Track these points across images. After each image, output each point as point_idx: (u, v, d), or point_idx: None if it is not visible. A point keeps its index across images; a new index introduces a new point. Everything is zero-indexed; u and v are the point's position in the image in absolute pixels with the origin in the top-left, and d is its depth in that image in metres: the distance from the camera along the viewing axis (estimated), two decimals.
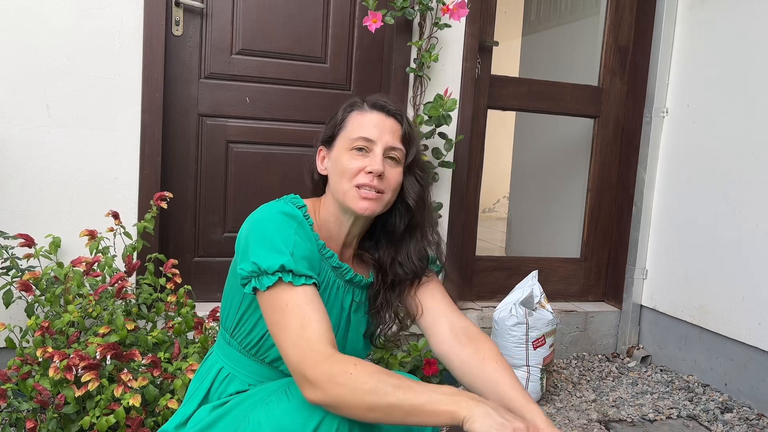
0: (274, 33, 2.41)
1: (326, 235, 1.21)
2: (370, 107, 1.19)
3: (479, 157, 2.75)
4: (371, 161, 1.14)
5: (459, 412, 0.90)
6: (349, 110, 1.20)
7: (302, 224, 1.12)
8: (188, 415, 1.19)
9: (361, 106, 1.20)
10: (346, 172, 1.15)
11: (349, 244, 1.25)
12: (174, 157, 2.34)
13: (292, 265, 1.03)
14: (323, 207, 1.23)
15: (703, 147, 2.54)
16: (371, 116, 1.18)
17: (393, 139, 1.17)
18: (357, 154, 1.16)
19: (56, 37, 2.07)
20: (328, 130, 1.23)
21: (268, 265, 1.03)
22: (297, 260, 1.04)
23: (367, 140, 1.15)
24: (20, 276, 1.87)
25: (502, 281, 2.80)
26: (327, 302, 1.17)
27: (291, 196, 1.22)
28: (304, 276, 1.04)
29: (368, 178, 1.14)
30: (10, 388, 1.59)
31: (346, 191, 1.16)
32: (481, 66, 2.64)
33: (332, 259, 1.18)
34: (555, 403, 2.29)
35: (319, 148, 1.25)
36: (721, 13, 2.49)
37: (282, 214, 1.10)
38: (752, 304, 2.29)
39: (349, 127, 1.18)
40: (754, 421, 2.20)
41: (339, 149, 1.18)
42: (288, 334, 1.00)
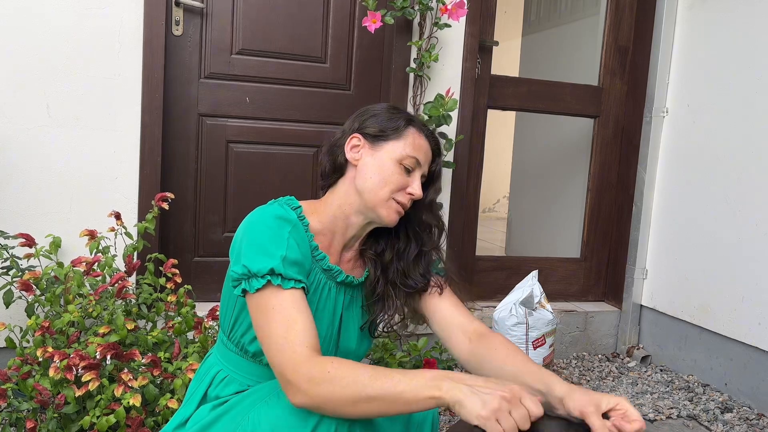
0: (274, 33, 2.41)
1: (328, 235, 1.21)
2: (425, 134, 1.23)
3: (479, 157, 2.75)
4: (414, 184, 1.20)
5: (443, 397, 0.91)
6: (410, 124, 1.22)
7: (296, 227, 1.12)
8: (187, 416, 1.19)
9: (420, 128, 1.23)
10: (392, 183, 1.19)
11: (351, 245, 1.26)
12: (174, 157, 2.35)
13: (281, 269, 1.04)
14: (330, 205, 1.23)
15: (703, 147, 2.54)
16: (424, 142, 1.23)
17: (427, 168, 1.24)
18: (403, 170, 1.19)
19: (56, 37, 2.07)
20: (377, 126, 1.22)
21: (258, 269, 1.04)
22: (287, 264, 1.05)
23: (418, 163, 1.21)
24: (20, 276, 1.87)
25: (502, 281, 2.80)
26: (318, 304, 1.18)
27: (287, 197, 1.22)
28: (293, 280, 1.05)
29: (406, 199, 1.20)
30: (10, 387, 1.59)
31: (384, 200, 1.19)
32: (481, 66, 2.64)
33: (323, 261, 1.18)
34: None
35: (354, 134, 1.23)
36: (721, 13, 2.49)
37: (276, 217, 1.11)
38: (752, 304, 2.29)
39: (408, 141, 1.20)
40: (754, 421, 2.20)
41: (388, 155, 1.20)
42: (272, 336, 1.01)
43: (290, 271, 1.05)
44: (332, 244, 1.22)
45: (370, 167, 1.20)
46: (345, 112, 2.54)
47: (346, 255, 1.26)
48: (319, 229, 1.20)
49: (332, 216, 1.22)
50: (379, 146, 1.21)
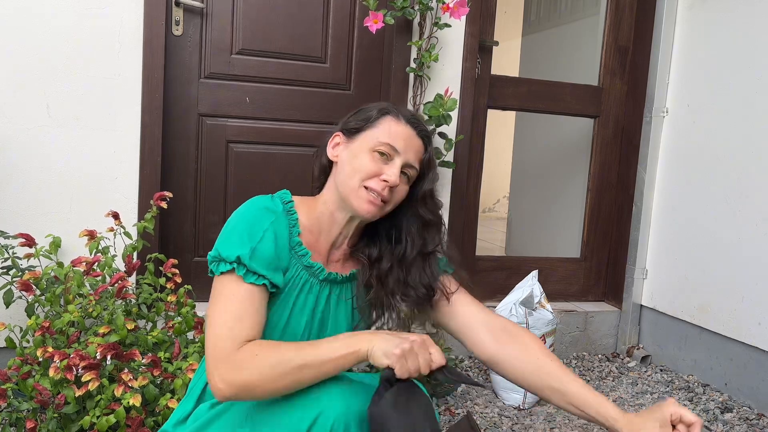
0: (274, 33, 2.41)
1: (315, 232, 1.21)
2: (405, 120, 1.19)
3: (479, 157, 2.75)
4: (390, 171, 1.15)
5: (361, 349, 0.99)
6: (385, 113, 1.20)
7: (279, 219, 1.13)
8: (187, 412, 1.20)
9: (397, 115, 1.20)
10: (361, 171, 1.16)
11: (339, 245, 1.25)
12: (174, 157, 2.34)
13: (247, 260, 1.06)
14: (319, 201, 1.23)
15: (703, 147, 2.54)
16: (404, 129, 1.19)
17: (414, 158, 1.19)
18: (377, 158, 1.16)
19: (56, 36, 2.07)
20: (354, 121, 1.22)
21: (227, 254, 1.07)
22: (256, 257, 1.07)
23: (393, 149, 1.16)
24: (20, 276, 1.87)
25: (502, 281, 2.80)
26: (296, 300, 1.17)
27: (282, 191, 1.23)
28: (257, 275, 1.06)
29: (380, 186, 1.15)
30: (10, 387, 1.59)
31: (355, 189, 1.16)
32: (481, 66, 2.64)
33: (305, 257, 1.18)
34: None
35: (336, 133, 1.24)
36: (721, 13, 2.49)
37: (260, 208, 1.13)
38: (752, 304, 2.29)
39: (380, 129, 1.18)
40: (754, 421, 2.20)
41: (361, 145, 1.18)
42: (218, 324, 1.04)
43: (256, 264, 1.07)
44: (319, 242, 1.22)
45: (345, 160, 1.19)
46: (345, 112, 2.52)
47: (335, 254, 1.25)
48: (307, 225, 1.21)
49: (318, 213, 1.22)
50: (354, 139, 1.20)
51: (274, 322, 1.15)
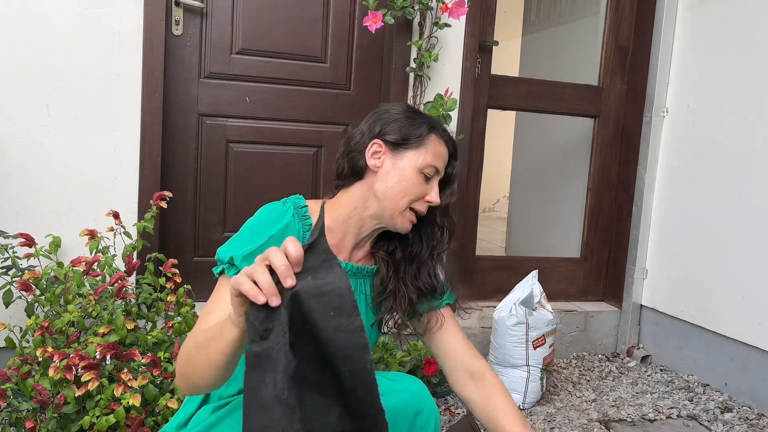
0: (274, 32, 2.41)
1: (338, 233, 1.22)
2: (445, 140, 1.23)
3: (479, 156, 2.75)
4: (433, 192, 1.21)
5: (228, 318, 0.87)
6: (432, 131, 1.22)
7: (290, 225, 1.15)
8: (189, 415, 1.19)
9: (439, 134, 1.22)
10: (412, 194, 1.19)
11: (362, 245, 1.27)
12: (174, 156, 2.34)
13: (239, 261, 1.07)
14: (342, 204, 1.23)
15: (703, 147, 2.54)
16: (444, 149, 1.23)
17: (444, 171, 1.25)
18: (423, 179, 1.20)
19: (56, 36, 2.07)
20: (397, 132, 1.20)
21: (221, 256, 1.09)
22: (252, 258, 1.06)
23: (437, 171, 1.22)
24: (20, 275, 1.87)
25: (502, 281, 2.79)
26: None
27: (295, 196, 1.25)
28: None
29: (424, 207, 1.21)
30: (10, 387, 1.58)
31: (401, 209, 1.19)
32: (481, 66, 2.64)
33: None
34: (555, 402, 2.29)
35: (375, 140, 1.21)
36: (721, 12, 2.49)
37: (270, 217, 1.15)
38: (752, 304, 2.29)
39: (429, 149, 1.20)
40: (754, 421, 2.20)
41: (410, 163, 1.20)
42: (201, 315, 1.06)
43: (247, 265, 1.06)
44: (342, 243, 1.23)
45: (392, 176, 1.20)
46: (345, 112, 2.54)
47: (356, 254, 1.26)
48: (329, 227, 1.21)
49: (345, 216, 1.22)
50: (400, 154, 1.20)
51: None
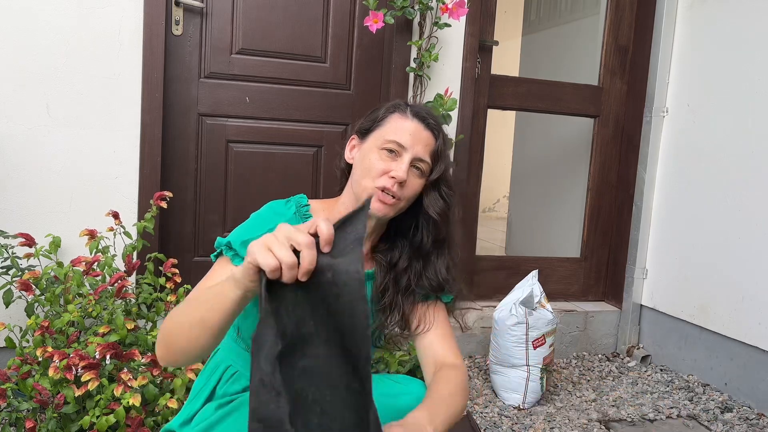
0: (274, 32, 2.41)
1: None
2: (412, 114, 1.19)
3: (479, 156, 2.75)
4: (397, 167, 1.15)
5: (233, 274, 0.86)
6: (392, 111, 1.21)
7: (290, 222, 1.13)
8: (193, 412, 1.19)
9: (404, 111, 1.20)
10: (371, 170, 1.16)
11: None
12: (174, 156, 2.34)
13: (237, 246, 1.08)
14: (338, 203, 1.25)
15: (703, 147, 2.54)
16: (410, 123, 1.18)
17: (424, 151, 1.18)
18: (386, 155, 1.17)
19: (56, 36, 2.07)
20: (366, 122, 1.24)
21: (220, 241, 1.11)
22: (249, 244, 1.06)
23: (400, 145, 1.16)
24: (20, 275, 1.87)
25: (502, 281, 2.79)
26: None
27: (299, 195, 1.26)
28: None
29: (390, 183, 1.15)
30: (9, 387, 1.59)
31: (367, 188, 1.17)
32: (481, 65, 2.64)
33: None
34: (555, 402, 2.29)
35: (352, 136, 1.26)
36: (721, 12, 2.49)
37: (272, 212, 1.17)
38: (752, 304, 2.29)
39: (387, 127, 1.19)
40: (754, 421, 2.20)
41: (370, 145, 1.20)
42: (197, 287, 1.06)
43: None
44: None
45: (358, 161, 1.21)
46: (345, 112, 2.54)
47: None
48: None
49: (337, 214, 1.23)
50: (365, 140, 1.22)
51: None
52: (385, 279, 1.24)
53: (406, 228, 1.25)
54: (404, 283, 1.24)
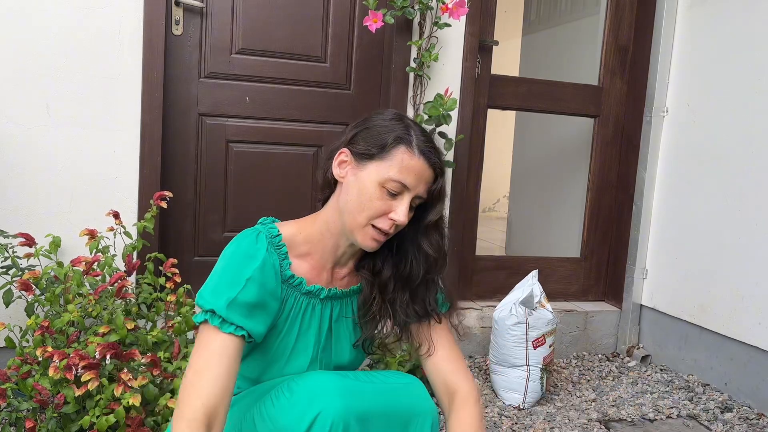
0: (274, 32, 2.41)
1: (318, 251, 1.18)
2: (418, 152, 1.11)
3: (479, 156, 2.75)
4: (398, 209, 1.10)
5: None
6: (399, 143, 1.11)
7: (266, 260, 1.09)
8: None
9: (411, 146, 1.11)
10: (369, 209, 1.10)
11: (344, 263, 1.23)
12: (174, 156, 2.34)
13: (223, 312, 1.02)
14: (320, 220, 1.19)
15: (703, 147, 2.54)
16: (416, 163, 1.10)
17: (424, 189, 1.13)
18: (386, 194, 1.10)
19: (56, 36, 2.07)
20: (364, 143, 1.13)
21: (202, 303, 1.05)
22: (234, 307, 1.03)
23: (405, 188, 1.10)
24: (20, 275, 1.87)
25: (502, 281, 2.79)
26: (301, 325, 1.16)
27: (270, 223, 1.18)
28: (234, 325, 1.03)
29: (388, 225, 1.11)
30: (9, 387, 1.58)
31: (360, 225, 1.12)
32: (481, 65, 2.64)
33: (301, 286, 1.16)
34: (555, 402, 2.29)
35: (343, 149, 1.15)
36: (721, 12, 2.49)
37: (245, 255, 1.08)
38: (752, 304, 2.29)
39: (393, 162, 1.10)
40: (754, 421, 2.20)
41: (371, 176, 1.11)
42: (188, 369, 1.02)
43: (234, 314, 1.03)
44: (322, 262, 1.19)
45: (352, 188, 1.12)
46: (345, 112, 2.54)
47: (339, 271, 1.23)
48: (306, 250, 1.17)
49: (320, 233, 1.18)
50: (363, 165, 1.12)
51: (281, 350, 1.15)
52: (372, 291, 1.21)
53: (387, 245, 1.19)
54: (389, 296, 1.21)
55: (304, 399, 1.04)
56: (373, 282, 1.21)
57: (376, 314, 1.21)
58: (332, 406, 1.02)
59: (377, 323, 1.23)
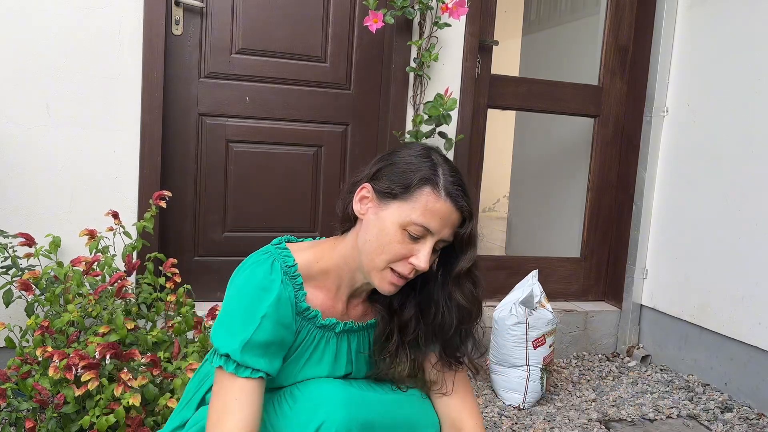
0: (274, 32, 2.41)
1: (334, 281, 1.14)
2: (445, 194, 1.03)
3: (479, 156, 2.75)
4: (419, 254, 1.04)
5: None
6: (424, 184, 1.04)
7: (281, 294, 1.05)
8: (186, 418, 1.18)
9: (437, 187, 1.03)
10: (388, 253, 1.04)
11: (360, 295, 1.19)
12: (174, 156, 2.34)
13: (237, 356, 1.00)
14: (338, 250, 1.13)
15: (703, 147, 2.54)
16: (443, 206, 1.03)
17: (449, 233, 1.06)
18: (407, 237, 1.04)
19: (56, 36, 2.07)
20: (387, 180, 1.07)
21: (218, 345, 1.03)
22: (249, 348, 1.01)
23: (427, 231, 1.04)
24: (20, 275, 1.87)
25: (502, 281, 2.79)
26: (311, 357, 1.13)
27: (284, 249, 1.12)
28: (250, 369, 1.01)
29: (407, 270, 1.05)
30: (9, 387, 1.58)
31: (378, 268, 1.06)
32: (481, 65, 2.64)
33: (316, 319, 1.12)
34: (555, 402, 2.29)
35: (364, 185, 1.09)
36: (721, 12, 2.49)
37: (258, 288, 1.04)
38: (752, 304, 2.29)
39: (416, 205, 1.03)
40: (754, 421, 2.20)
41: (392, 217, 1.04)
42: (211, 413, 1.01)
43: (249, 356, 1.01)
44: (338, 294, 1.15)
45: (371, 228, 1.06)
46: (345, 112, 2.54)
47: (355, 302, 1.19)
48: (322, 280, 1.13)
49: (337, 265, 1.13)
50: (384, 205, 1.06)
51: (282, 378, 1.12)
52: (386, 328, 1.17)
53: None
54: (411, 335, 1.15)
55: (308, 408, 1.03)
56: (390, 320, 1.16)
57: (392, 353, 1.16)
58: (336, 416, 1.02)
59: (393, 360, 1.17)
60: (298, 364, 1.13)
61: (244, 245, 2.46)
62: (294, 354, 1.12)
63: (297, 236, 1.22)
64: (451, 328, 1.13)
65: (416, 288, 1.14)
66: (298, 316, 1.09)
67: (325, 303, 1.14)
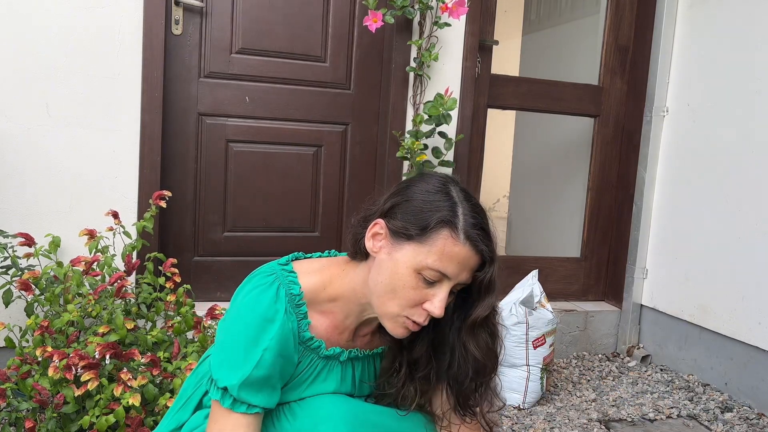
0: (274, 32, 2.41)
1: (342, 309, 1.09)
2: (464, 237, 0.97)
3: (479, 156, 2.74)
4: (434, 300, 0.98)
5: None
6: (443, 226, 0.97)
7: (284, 323, 1.01)
8: (183, 421, 1.17)
9: (456, 230, 0.97)
10: (401, 298, 0.99)
11: (368, 324, 1.14)
12: (173, 156, 2.34)
13: (235, 392, 0.98)
14: (349, 281, 1.08)
15: (703, 146, 2.54)
16: (461, 250, 0.97)
17: (467, 277, 1.00)
18: (422, 282, 0.98)
19: (56, 36, 2.07)
20: (403, 220, 1.00)
21: (217, 377, 1.00)
22: (247, 384, 0.99)
23: (444, 276, 0.98)
24: (20, 275, 1.86)
25: (502, 281, 2.75)
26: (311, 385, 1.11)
27: (290, 268, 1.07)
28: (246, 404, 0.99)
29: (422, 317, 1.00)
30: (9, 387, 1.58)
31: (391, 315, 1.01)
32: (481, 65, 2.64)
33: (320, 349, 1.09)
34: (555, 402, 2.29)
35: (377, 221, 1.03)
36: (721, 12, 2.49)
37: (262, 318, 1.00)
38: (752, 304, 2.29)
39: (433, 248, 0.97)
40: (754, 421, 2.20)
41: (407, 259, 0.98)
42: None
43: (247, 393, 0.99)
44: (345, 322, 1.11)
45: (384, 269, 1.00)
46: (345, 112, 2.54)
47: (363, 329, 1.15)
48: (329, 307, 1.09)
49: (346, 297, 1.08)
50: (399, 245, 1.00)
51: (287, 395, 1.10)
52: (395, 360, 1.12)
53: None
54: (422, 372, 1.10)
55: (308, 425, 1.02)
56: (400, 353, 1.12)
57: (400, 387, 1.12)
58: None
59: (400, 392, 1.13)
60: (299, 388, 1.11)
61: (243, 245, 2.46)
62: (295, 380, 1.09)
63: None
64: (466, 379, 1.07)
65: (430, 324, 1.06)
66: (301, 345, 1.06)
67: (329, 331, 1.10)
